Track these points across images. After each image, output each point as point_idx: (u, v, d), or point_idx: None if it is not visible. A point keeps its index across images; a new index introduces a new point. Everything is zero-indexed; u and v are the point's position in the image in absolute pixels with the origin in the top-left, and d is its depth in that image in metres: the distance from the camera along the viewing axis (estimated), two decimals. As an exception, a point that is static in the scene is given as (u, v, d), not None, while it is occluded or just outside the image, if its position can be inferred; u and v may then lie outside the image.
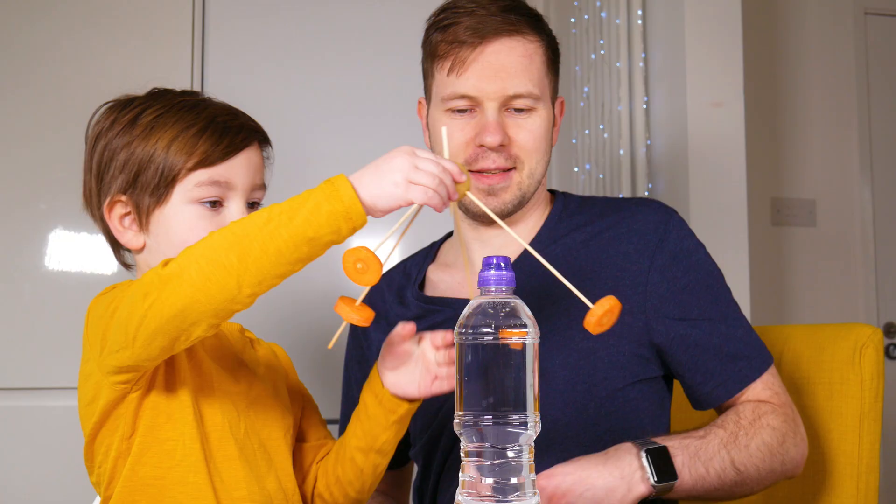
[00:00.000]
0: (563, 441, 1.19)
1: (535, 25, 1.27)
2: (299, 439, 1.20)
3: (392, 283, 1.41)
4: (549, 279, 1.22)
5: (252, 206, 1.10)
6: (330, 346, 1.01)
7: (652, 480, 1.07)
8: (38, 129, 2.08)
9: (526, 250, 1.26)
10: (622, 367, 1.22)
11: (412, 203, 0.92)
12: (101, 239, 2.13)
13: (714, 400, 1.24)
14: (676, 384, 1.32)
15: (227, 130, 1.06)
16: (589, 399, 1.21)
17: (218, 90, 1.14)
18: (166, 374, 1.01)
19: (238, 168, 1.07)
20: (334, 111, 2.24)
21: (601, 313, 0.95)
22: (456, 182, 0.95)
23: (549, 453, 1.14)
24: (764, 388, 1.23)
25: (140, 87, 1.12)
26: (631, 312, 1.22)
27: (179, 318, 0.88)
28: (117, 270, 2.08)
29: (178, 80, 2.13)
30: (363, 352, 1.43)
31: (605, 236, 1.28)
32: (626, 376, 1.22)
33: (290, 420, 1.15)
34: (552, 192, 1.42)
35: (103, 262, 2.08)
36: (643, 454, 1.08)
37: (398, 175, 0.91)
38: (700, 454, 1.13)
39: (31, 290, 2.04)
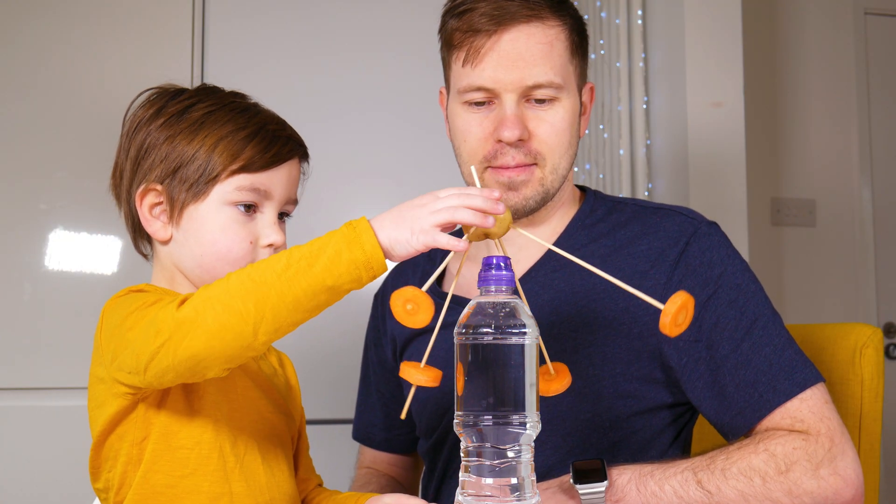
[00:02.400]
0: (564, 470, 1.12)
1: (557, 8, 1.19)
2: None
3: (417, 267, 1.37)
4: (562, 294, 1.20)
5: (282, 217, 1.09)
6: (403, 416, 1.00)
7: (571, 481, 1.03)
8: (39, 129, 2.08)
9: (543, 257, 1.24)
10: (629, 395, 1.16)
11: (428, 249, 0.89)
12: (101, 239, 2.13)
13: (734, 430, 1.12)
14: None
15: (275, 140, 1.05)
16: (591, 429, 1.16)
17: (218, 90, 1.14)
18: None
19: (279, 179, 1.05)
20: (335, 110, 2.23)
21: (675, 311, 0.88)
22: (487, 215, 0.90)
23: (549, 479, 1.11)
24: (783, 417, 1.09)
25: (140, 86, 1.11)
26: (641, 336, 1.15)
27: (192, 361, 0.86)
28: (118, 270, 2.08)
29: (178, 80, 2.12)
30: (379, 335, 1.42)
31: (625, 252, 1.20)
32: (633, 405, 1.16)
33: (294, 431, 1.14)
34: (583, 189, 1.34)
35: (103, 262, 2.08)
36: (571, 466, 1.04)
37: (417, 224, 0.88)
38: (656, 473, 1.05)
39: (31, 290, 2.04)
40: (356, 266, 0.86)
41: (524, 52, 1.15)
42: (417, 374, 0.96)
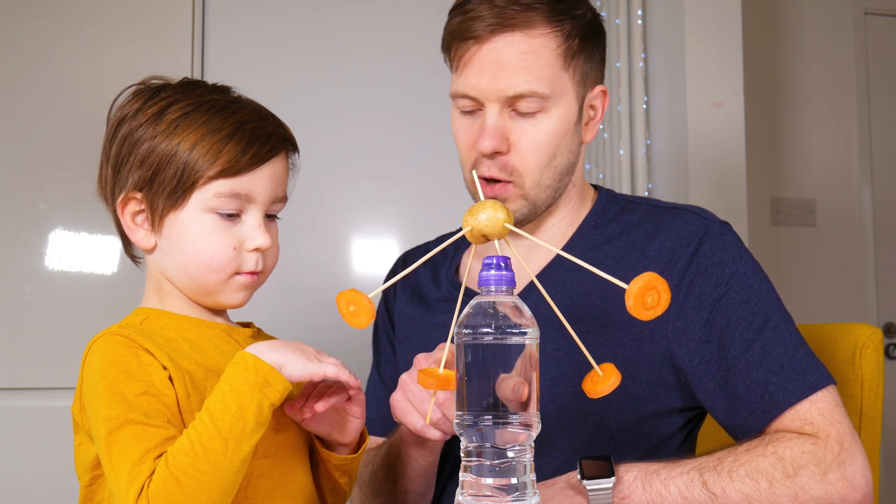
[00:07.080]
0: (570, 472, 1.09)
1: (553, 14, 1.16)
2: None
3: (428, 262, 1.35)
4: (575, 294, 1.20)
5: (270, 218, 1.05)
6: (427, 420, 1.03)
7: (579, 478, 1.03)
8: (39, 129, 2.08)
9: (557, 256, 1.22)
10: (639, 398, 1.15)
11: (324, 377, 0.95)
12: (101, 239, 2.12)
13: (745, 432, 1.11)
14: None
15: (254, 139, 1.00)
16: (599, 431, 1.15)
17: (218, 90, 1.13)
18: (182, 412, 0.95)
19: (261, 181, 1.00)
20: (335, 110, 2.23)
21: (638, 291, 0.83)
22: (491, 223, 0.95)
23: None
24: (793, 419, 1.08)
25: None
26: (652, 338, 1.15)
27: None
28: (118, 270, 2.08)
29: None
30: (390, 318, 1.40)
31: (638, 253, 1.19)
32: (642, 408, 1.15)
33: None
34: (595, 187, 1.32)
35: (103, 262, 2.08)
36: (579, 462, 1.03)
37: (310, 360, 0.94)
38: (661, 472, 1.04)
39: (31, 290, 2.04)
40: (276, 404, 0.91)
41: (505, 62, 1.13)
42: (430, 378, 0.95)
